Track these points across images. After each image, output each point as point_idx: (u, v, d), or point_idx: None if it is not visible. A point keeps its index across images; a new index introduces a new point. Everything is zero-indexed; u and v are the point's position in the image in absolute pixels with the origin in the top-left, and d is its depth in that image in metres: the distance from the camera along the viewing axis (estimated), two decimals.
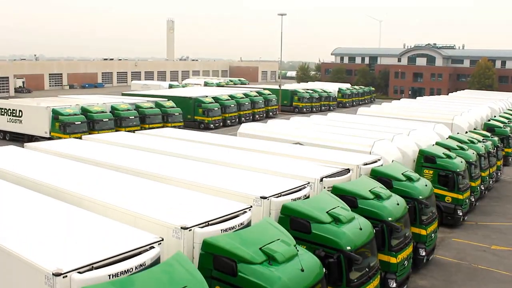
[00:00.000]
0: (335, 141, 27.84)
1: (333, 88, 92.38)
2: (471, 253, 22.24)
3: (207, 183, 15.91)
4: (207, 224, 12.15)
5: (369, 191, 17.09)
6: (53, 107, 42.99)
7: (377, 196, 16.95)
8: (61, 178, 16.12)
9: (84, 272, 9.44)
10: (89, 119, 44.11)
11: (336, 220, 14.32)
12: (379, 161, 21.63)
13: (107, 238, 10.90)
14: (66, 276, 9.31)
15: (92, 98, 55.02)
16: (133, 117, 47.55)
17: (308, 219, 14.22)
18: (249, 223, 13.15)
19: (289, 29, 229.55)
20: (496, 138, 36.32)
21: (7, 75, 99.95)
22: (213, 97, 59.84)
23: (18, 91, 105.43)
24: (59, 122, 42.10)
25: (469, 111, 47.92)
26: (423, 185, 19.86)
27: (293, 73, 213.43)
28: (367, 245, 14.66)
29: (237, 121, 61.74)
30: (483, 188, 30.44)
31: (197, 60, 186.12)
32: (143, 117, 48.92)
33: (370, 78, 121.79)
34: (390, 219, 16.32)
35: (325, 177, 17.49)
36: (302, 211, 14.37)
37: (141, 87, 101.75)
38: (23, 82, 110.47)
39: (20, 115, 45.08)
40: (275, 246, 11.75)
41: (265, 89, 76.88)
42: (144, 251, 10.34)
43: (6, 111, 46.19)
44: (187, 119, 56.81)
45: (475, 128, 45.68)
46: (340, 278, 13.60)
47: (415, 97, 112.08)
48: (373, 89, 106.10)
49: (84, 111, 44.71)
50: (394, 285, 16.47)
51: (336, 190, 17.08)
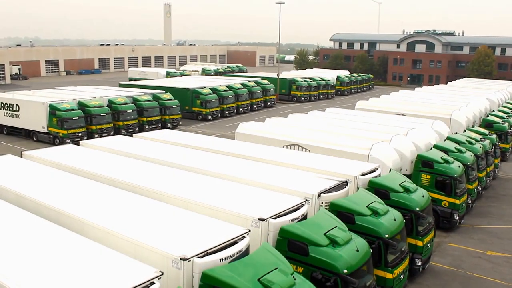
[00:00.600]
0: (333, 143, 27.86)
1: (331, 75, 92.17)
2: (466, 260, 22.42)
3: (205, 202, 15.93)
4: (206, 253, 12.22)
5: (367, 207, 17.17)
6: (50, 102, 42.76)
7: (374, 212, 17.04)
8: (56, 195, 16.17)
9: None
10: (87, 114, 43.96)
11: (333, 242, 14.41)
12: (377, 169, 21.66)
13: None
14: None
15: (88, 90, 54.56)
16: (131, 111, 47.39)
17: (305, 242, 14.31)
18: (248, 249, 13.22)
19: (287, 10, 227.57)
20: (494, 136, 36.39)
21: (3, 62, 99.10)
22: (210, 88, 59.57)
23: (14, 78, 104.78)
24: (57, 117, 41.92)
25: (468, 105, 47.83)
26: (420, 196, 19.93)
27: (291, 57, 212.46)
28: (364, 266, 14.78)
29: (235, 111, 61.70)
30: (480, 188, 30.59)
31: (194, 44, 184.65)
32: (140, 110, 48.76)
33: (368, 64, 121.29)
34: (387, 236, 16.45)
35: (323, 192, 17.51)
36: (300, 234, 14.45)
37: (138, 74, 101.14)
38: (19, 69, 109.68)
39: (17, 109, 44.87)
40: (273, 277, 11.83)
41: (263, 78, 76.62)
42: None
43: (3, 105, 45.95)
44: (185, 110, 56.71)
45: (473, 122, 45.85)
46: None
47: (414, 84, 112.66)
48: (372, 76, 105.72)
49: (81, 106, 44.53)
50: None
51: (333, 206, 17.17)
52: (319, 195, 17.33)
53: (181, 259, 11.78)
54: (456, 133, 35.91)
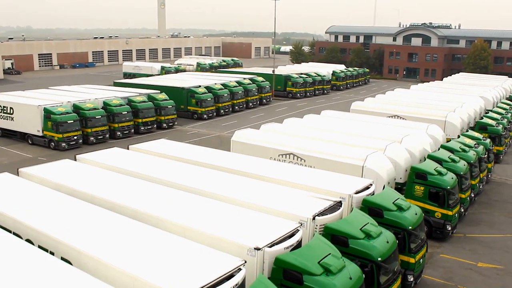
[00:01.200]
0: (328, 153, 28.03)
1: (327, 70, 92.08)
2: (458, 273, 22.72)
3: (201, 229, 16.05)
4: None
5: (360, 229, 17.37)
6: (44, 106, 42.62)
7: (368, 235, 17.24)
8: (54, 223, 16.28)
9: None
10: (82, 117, 43.90)
11: (327, 271, 14.60)
12: (371, 186, 21.81)
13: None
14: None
15: (83, 90, 54.28)
16: (126, 112, 47.35)
17: (300, 271, 14.51)
18: (243, 282, 13.37)
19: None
20: (487, 140, 36.56)
21: None
22: (206, 87, 59.49)
23: (7, 72, 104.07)
24: (51, 121, 41.85)
25: (463, 106, 47.98)
26: (413, 214, 20.13)
27: (286, 48, 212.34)
28: None
29: (231, 110, 61.73)
30: (473, 195, 30.87)
31: (189, 36, 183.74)
32: (135, 112, 48.74)
33: (364, 57, 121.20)
34: (379, 259, 16.67)
35: (318, 215, 17.66)
36: (294, 263, 14.64)
37: (133, 69, 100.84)
38: (12, 63, 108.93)
39: (11, 112, 44.75)
40: None
41: (258, 74, 76.50)
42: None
43: None
44: (180, 109, 56.70)
45: (468, 123, 46.07)
46: None
47: (410, 77, 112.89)
48: (367, 70, 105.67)
49: (76, 109, 44.42)
50: None
51: (327, 230, 17.36)
52: (314, 218, 17.48)
53: None
54: (450, 139, 36.19)
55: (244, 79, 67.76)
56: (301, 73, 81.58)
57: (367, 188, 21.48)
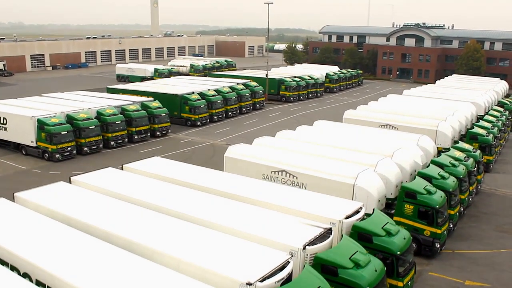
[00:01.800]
0: (320, 170, 28.42)
1: (320, 72, 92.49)
2: None
3: (194, 262, 16.39)
4: None
5: (349, 259, 17.76)
6: (38, 117, 42.68)
7: (357, 264, 17.64)
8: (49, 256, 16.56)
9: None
10: (75, 127, 44.01)
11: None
12: (361, 209, 22.20)
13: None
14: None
15: (76, 98, 54.08)
16: (120, 122, 47.46)
17: None
18: None
19: None
20: (477, 152, 37.03)
21: None
22: (199, 93, 59.65)
23: None
24: (45, 132, 41.93)
25: (454, 114, 48.50)
26: (401, 239, 20.56)
27: (280, 46, 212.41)
28: None
29: (224, 116, 61.95)
30: (462, 209, 31.35)
31: (182, 35, 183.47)
32: (129, 121, 48.85)
33: (358, 58, 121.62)
34: None
35: (308, 244, 18.03)
36: None
37: (126, 71, 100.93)
38: (4, 64, 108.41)
39: (4, 122, 44.79)
40: None
41: (252, 78, 76.83)
42: None
43: None
44: (173, 115, 56.90)
45: (460, 131, 46.61)
46: None
47: (403, 78, 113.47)
48: (361, 72, 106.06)
49: (69, 119, 44.52)
50: None
51: (317, 260, 17.76)
52: (304, 248, 17.85)
53: None
54: (441, 149, 36.70)
55: (237, 84, 67.94)
56: (295, 76, 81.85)
57: (357, 212, 21.85)
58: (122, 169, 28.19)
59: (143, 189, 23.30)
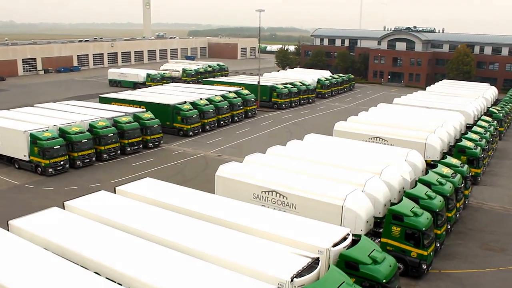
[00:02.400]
0: (309, 191, 28.97)
1: (312, 77, 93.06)
2: None
3: None
4: None
5: None
6: (31, 131, 42.90)
7: None
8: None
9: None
10: (68, 141, 44.26)
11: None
12: (348, 236, 22.73)
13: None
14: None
15: (69, 109, 54.16)
16: (112, 134, 47.72)
17: None
18: None
19: None
20: (465, 167, 37.63)
21: None
22: (191, 103, 59.99)
23: None
24: (38, 147, 42.15)
25: (443, 125, 49.23)
26: (387, 267, 21.16)
27: (273, 47, 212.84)
28: None
29: (216, 125, 62.31)
30: (449, 226, 31.98)
31: (174, 37, 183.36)
32: (122, 133, 49.11)
33: (349, 61, 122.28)
34: None
35: (296, 276, 18.54)
36: None
37: (118, 76, 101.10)
38: None
39: None
40: None
41: (243, 85, 77.39)
42: None
43: None
44: (166, 125, 57.25)
45: (448, 143, 47.32)
46: None
47: (394, 81, 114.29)
48: (352, 76, 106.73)
49: (62, 132, 44.76)
50: None
51: None
52: (292, 280, 18.35)
53: None
54: (430, 161, 37.30)
55: (229, 92, 68.32)
56: (286, 83, 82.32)
57: (345, 238, 22.38)
58: (114, 191, 28.40)
59: (135, 216, 23.69)
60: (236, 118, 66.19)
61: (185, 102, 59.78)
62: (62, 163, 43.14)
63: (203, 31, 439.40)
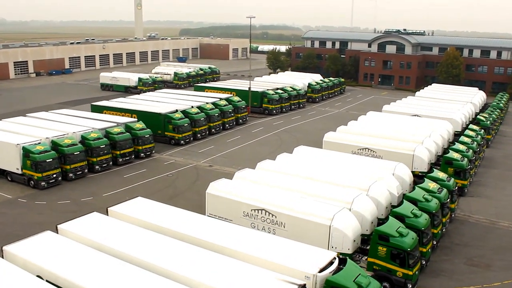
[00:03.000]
0: (297, 210, 29.66)
1: (302, 82, 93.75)
2: None
3: None
4: None
5: None
6: (23, 144, 43.16)
7: None
8: None
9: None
10: (60, 154, 44.56)
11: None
12: (335, 260, 23.37)
13: None
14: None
15: (61, 120, 54.08)
16: (104, 146, 48.04)
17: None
18: None
19: None
20: (451, 181, 38.36)
21: None
22: (182, 111, 60.40)
23: None
24: (31, 160, 42.42)
25: (431, 135, 50.10)
26: None
27: (264, 47, 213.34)
28: None
29: (207, 133, 62.78)
30: (435, 242, 32.73)
31: (166, 38, 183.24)
32: (113, 144, 49.45)
33: (340, 64, 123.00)
34: None
35: None
36: None
37: (110, 80, 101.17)
38: None
39: None
40: None
41: (234, 91, 77.96)
42: None
43: None
44: (157, 134, 57.71)
45: (436, 153, 48.15)
46: None
47: (384, 84, 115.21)
48: (343, 80, 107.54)
49: (54, 145, 45.05)
50: None
51: None
52: None
53: None
54: (418, 173, 38.00)
55: (220, 99, 68.77)
56: (277, 88, 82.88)
57: (331, 263, 23.02)
58: (107, 212, 28.87)
59: (127, 241, 24.18)
60: (227, 125, 66.69)
61: (177, 110, 60.19)
62: (54, 176, 43.45)
63: (195, 30, 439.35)
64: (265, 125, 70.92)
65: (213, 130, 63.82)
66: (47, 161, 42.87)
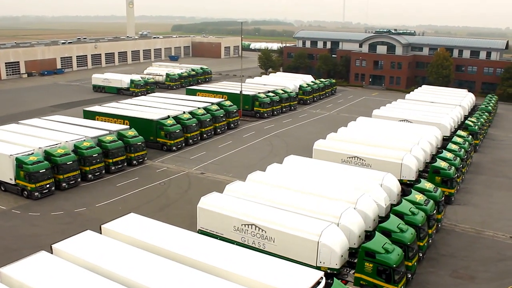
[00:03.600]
0: (286, 226, 30.42)
1: (294, 83, 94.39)
2: None
3: None
4: None
5: None
6: (16, 155, 43.57)
7: None
8: None
9: None
10: (54, 163, 45.00)
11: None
12: (322, 279, 24.12)
13: None
14: None
15: (53, 127, 54.52)
16: (97, 155, 48.50)
17: None
18: None
19: None
20: (438, 192, 39.24)
21: None
22: (174, 117, 60.89)
23: None
24: (24, 171, 42.84)
25: (419, 142, 50.95)
26: None
27: (256, 45, 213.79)
28: None
29: (199, 138, 63.34)
30: (421, 254, 33.59)
31: (158, 37, 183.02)
32: (106, 152, 49.93)
33: (331, 64, 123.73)
34: None
35: None
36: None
37: (102, 81, 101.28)
38: None
39: None
40: None
41: (227, 94, 78.55)
42: None
43: None
44: (149, 140, 58.24)
45: (424, 161, 49.01)
46: None
47: (375, 84, 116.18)
48: (334, 81, 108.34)
49: (47, 155, 45.49)
50: None
51: None
52: None
53: None
54: (406, 181, 38.84)
55: (211, 104, 69.29)
56: (268, 91, 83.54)
57: (318, 283, 23.76)
58: (100, 229, 29.42)
59: (120, 261, 24.77)
60: (218, 130, 67.24)
61: (169, 116, 60.69)
62: (48, 186, 43.92)
63: (187, 26, 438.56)
64: (256, 129, 71.56)
65: (205, 135, 64.38)
66: (40, 171, 43.31)
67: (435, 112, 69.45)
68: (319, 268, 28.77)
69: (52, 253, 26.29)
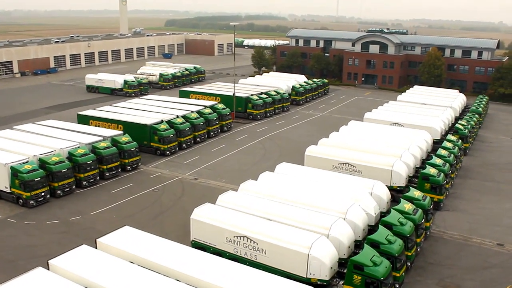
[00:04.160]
0: (277, 238, 31.25)
1: (287, 84, 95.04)
2: None
3: None
4: None
5: None
6: (11, 164, 44.04)
7: None
8: None
9: None
10: (48, 171, 45.49)
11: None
12: None
13: None
14: None
15: (47, 132, 55.04)
16: (91, 162, 48.97)
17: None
18: None
19: None
20: (427, 200, 40.03)
21: None
22: (168, 122, 61.42)
23: None
24: (19, 179, 43.31)
25: (410, 148, 51.82)
26: None
27: (249, 42, 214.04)
28: None
29: (193, 142, 63.91)
30: (409, 264, 34.43)
31: (152, 35, 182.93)
32: (100, 159, 50.44)
33: (324, 63, 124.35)
34: None
35: None
36: None
37: (96, 82, 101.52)
38: None
39: None
40: None
41: (220, 96, 79.15)
42: None
43: None
44: (143, 145, 58.81)
45: (414, 167, 49.88)
46: None
47: (368, 83, 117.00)
48: (327, 81, 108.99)
49: (42, 163, 45.97)
50: None
51: None
52: None
53: None
54: (396, 187, 39.56)
55: (205, 107, 69.81)
56: (261, 92, 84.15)
57: None
58: (95, 243, 30.06)
59: (115, 277, 25.45)
60: (212, 133, 67.82)
61: (162, 121, 61.22)
62: (43, 194, 44.40)
63: (181, 20, 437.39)
64: (249, 131, 72.19)
65: (198, 139, 64.94)
66: (35, 180, 43.79)
67: (426, 115, 70.41)
68: (309, 279, 29.75)
69: (48, 268, 26.93)
